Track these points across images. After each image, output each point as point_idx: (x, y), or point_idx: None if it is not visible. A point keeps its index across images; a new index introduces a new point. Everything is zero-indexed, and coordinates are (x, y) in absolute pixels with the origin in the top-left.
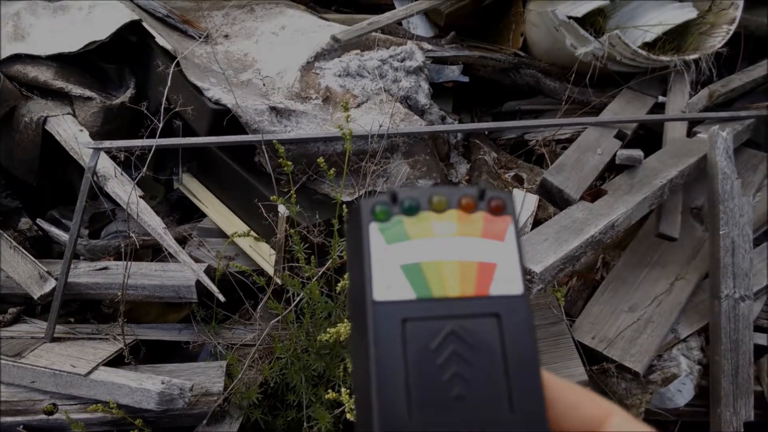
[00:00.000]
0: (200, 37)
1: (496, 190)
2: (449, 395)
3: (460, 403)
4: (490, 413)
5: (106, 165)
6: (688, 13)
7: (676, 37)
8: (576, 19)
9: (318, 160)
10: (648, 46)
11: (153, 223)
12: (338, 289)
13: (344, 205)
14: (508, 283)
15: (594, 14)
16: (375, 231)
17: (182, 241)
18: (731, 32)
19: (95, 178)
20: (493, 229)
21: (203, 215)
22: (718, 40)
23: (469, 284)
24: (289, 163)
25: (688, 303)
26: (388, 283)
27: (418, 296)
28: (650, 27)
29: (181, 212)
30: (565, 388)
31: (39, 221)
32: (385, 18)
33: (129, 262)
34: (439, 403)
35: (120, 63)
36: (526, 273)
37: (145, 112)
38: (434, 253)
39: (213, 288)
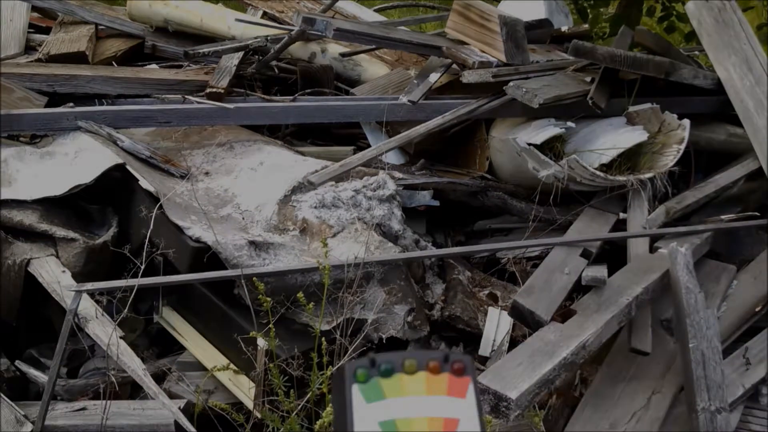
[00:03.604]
0: (182, 176)
1: (458, 354)
2: None
3: None
4: None
5: (87, 306)
6: (639, 136)
7: (631, 157)
8: (536, 145)
9: (298, 295)
10: (605, 167)
11: (133, 365)
12: (318, 425)
13: (323, 336)
14: None
15: (552, 140)
16: (356, 391)
17: (162, 376)
18: (681, 151)
19: (76, 320)
20: (456, 388)
21: (183, 348)
22: (669, 158)
23: None
24: (268, 299)
25: (667, 417)
26: None
27: None
28: (605, 150)
29: (161, 345)
30: None
31: (18, 363)
32: (357, 159)
33: (107, 402)
34: None
35: (103, 203)
36: (502, 399)
37: (128, 254)
38: (407, 411)
39: (191, 430)
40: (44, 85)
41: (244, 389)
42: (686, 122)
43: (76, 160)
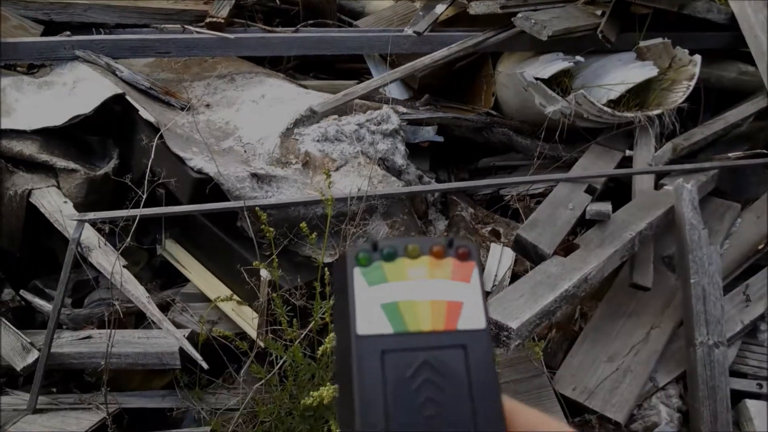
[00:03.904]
0: (183, 108)
1: (463, 240)
2: (423, 416)
3: (431, 423)
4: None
5: (89, 236)
6: (649, 71)
7: (639, 93)
8: (543, 80)
9: (301, 225)
10: (613, 103)
11: (137, 292)
12: (321, 351)
13: (326, 267)
14: (472, 319)
15: (560, 75)
16: (358, 275)
17: (165, 306)
18: (691, 87)
19: (79, 249)
20: (460, 272)
21: (186, 280)
22: (679, 95)
23: (439, 320)
24: (271, 229)
25: (664, 351)
26: (369, 319)
27: (396, 330)
28: (614, 86)
29: (164, 277)
30: (522, 410)
31: (22, 292)
32: (360, 89)
33: (112, 331)
34: (413, 423)
35: (103, 134)
36: (503, 329)
37: (129, 183)
38: (409, 294)
39: (196, 356)
40: (40, 14)
41: (247, 319)
42: (697, 58)
43: (75, 90)
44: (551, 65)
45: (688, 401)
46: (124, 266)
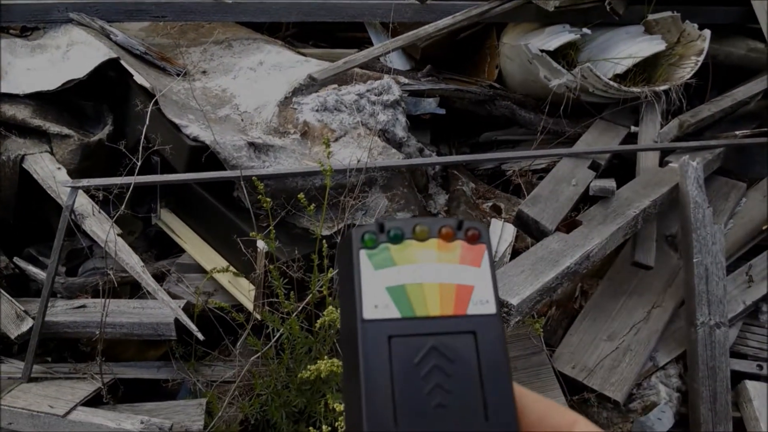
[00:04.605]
0: (178, 74)
1: (473, 222)
2: (431, 404)
3: (440, 412)
4: (467, 421)
5: (83, 203)
6: (657, 45)
7: (646, 68)
8: (548, 52)
9: (299, 196)
10: (619, 77)
11: (131, 261)
12: (318, 324)
13: (324, 240)
14: (483, 304)
15: (566, 47)
16: (364, 257)
17: (160, 277)
18: (699, 63)
19: (73, 217)
20: (469, 255)
21: (182, 250)
22: (687, 71)
23: (448, 304)
24: (268, 199)
25: (665, 331)
26: (375, 303)
27: (403, 315)
28: (621, 59)
29: (159, 247)
30: (534, 399)
31: (16, 260)
32: (362, 56)
33: (107, 300)
34: (421, 412)
35: (98, 100)
36: (503, 305)
37: (123, 150)
38: (417, 277)
39: (192, 326)
40: None
41: (243, 291)
42: (707, 32)
43: (69, 54)
44: (557, 37)
45: (688, 381)
46: (118, 235)
